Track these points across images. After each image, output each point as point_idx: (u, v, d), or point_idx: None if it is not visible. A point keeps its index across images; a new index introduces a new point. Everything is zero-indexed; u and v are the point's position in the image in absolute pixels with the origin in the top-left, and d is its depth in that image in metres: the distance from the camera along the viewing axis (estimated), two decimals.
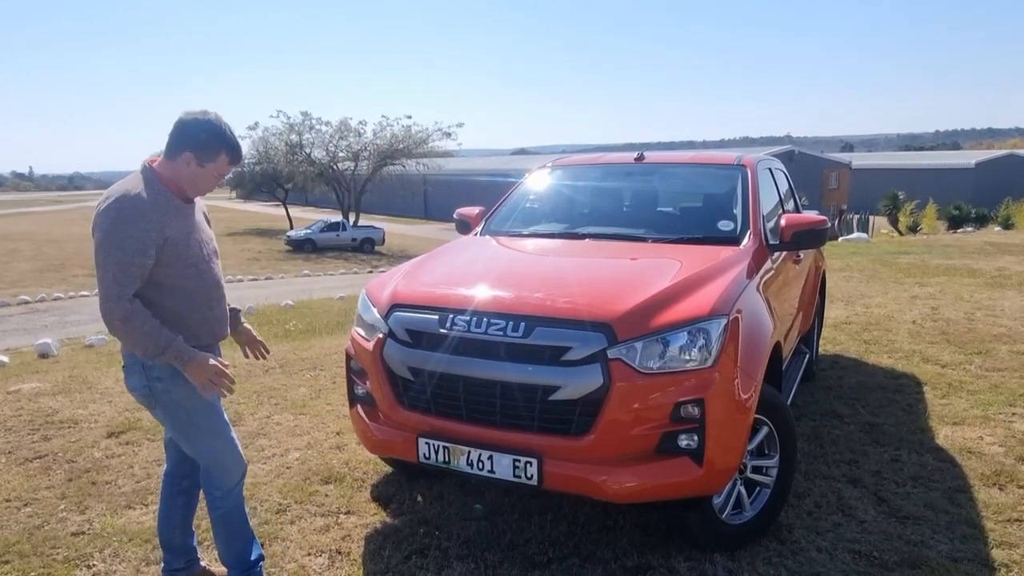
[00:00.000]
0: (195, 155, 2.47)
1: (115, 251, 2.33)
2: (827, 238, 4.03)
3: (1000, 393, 5.14)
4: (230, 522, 2.73)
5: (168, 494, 2.86)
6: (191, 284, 2.54)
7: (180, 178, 2.51)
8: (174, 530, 2.86)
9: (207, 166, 2.50)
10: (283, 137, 40.08)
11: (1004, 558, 3.07)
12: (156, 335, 2.37)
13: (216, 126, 2.48)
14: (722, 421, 2.75)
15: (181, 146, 2.46)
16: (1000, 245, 15.10)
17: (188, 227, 2.54)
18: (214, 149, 2.49)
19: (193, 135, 2.46)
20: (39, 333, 9.11)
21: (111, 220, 2.35)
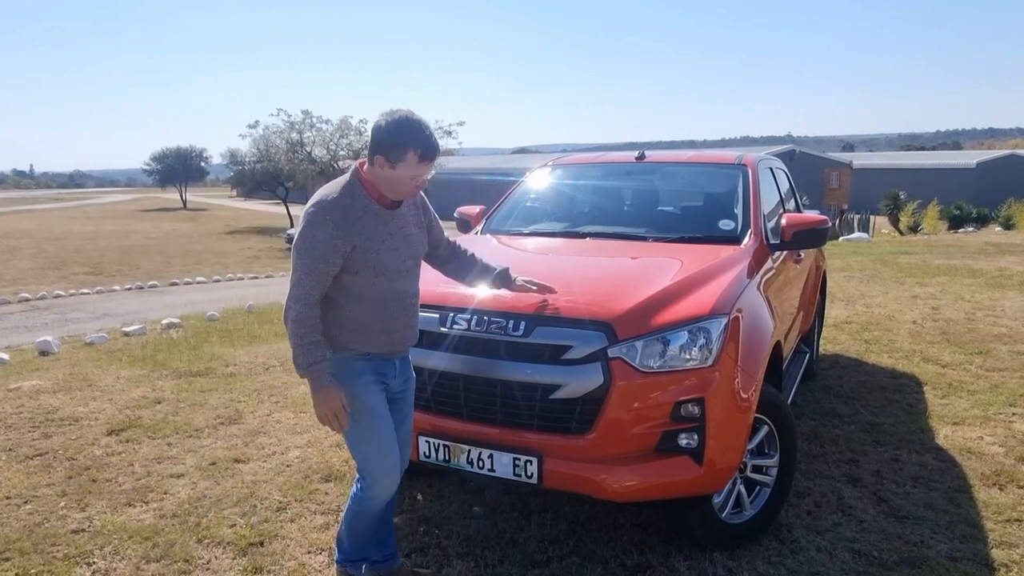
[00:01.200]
0: (386, 158, 2.39)
1: (304, 253, 2.38)
2: (828, 238, 4.03)
3: (1000, 393, 5.14)
4: (362, 518, 2.72)
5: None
6: (377, 293, 2.52)
7: (378, 182, 2.46)
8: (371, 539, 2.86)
9: (398, 167, 2.40)
10: (284, 135, 40.01)
11: (1004, 558, 3.07)
12: (309, 351, 2.41)
13: (402, 124, 2.38)
14: (722, 420, 2.75)
15: (374, 149, 2.42)
16: (1001, 245, 15.09)
17: (384, 234, 2.49)
18: (401, 148, 2.38)
19: (381, 137, 2.40)
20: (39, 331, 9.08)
21: (306, 222, 2.40)
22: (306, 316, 2.40)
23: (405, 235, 2.58)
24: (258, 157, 42.13)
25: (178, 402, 5.25)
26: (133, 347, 7.39)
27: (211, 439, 4.51)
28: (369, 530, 2.77)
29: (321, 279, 2.40)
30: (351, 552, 2.83)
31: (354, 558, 2.83)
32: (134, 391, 5.55)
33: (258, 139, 41.06)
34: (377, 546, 2.87)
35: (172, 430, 4.65)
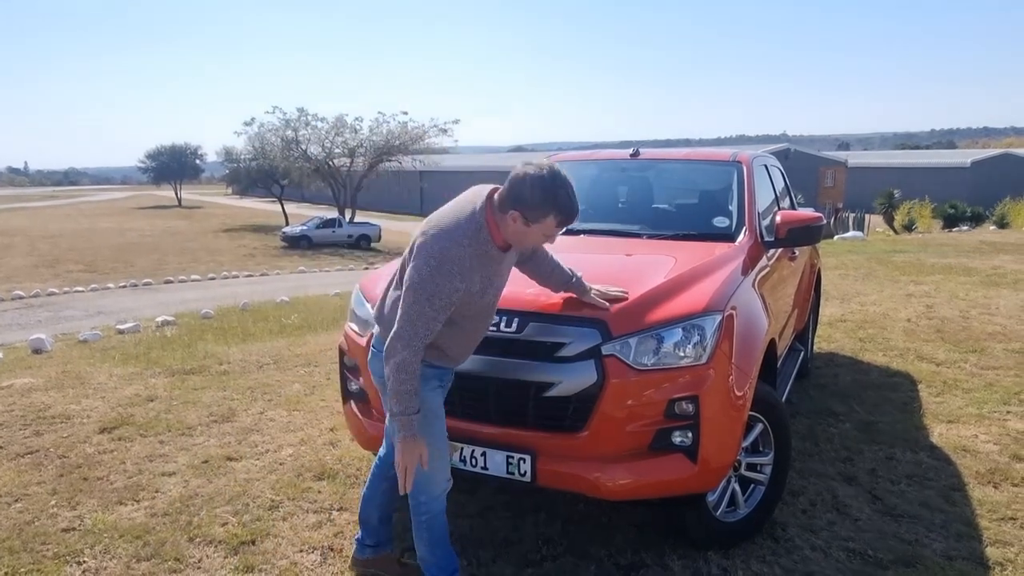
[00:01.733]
0: (522, 215, 2.35)
1: (426, 301, 2.32)
2: (822, 235, 4.03)
3: (995, 391, 5.14)
4: (433, 528, 2.69)
5: (375, 476, 2.90)
6: (468, 324, 2.53)
7: (505, 232, 2.42)
8: (373, 511, 2.91)
9: (533, 226, 2.38)
10: (279, 133, 39.96)
11: (999, 556, 3.07)
12: (408, 399, 2.39)
13: (548, 187, 2.33)
14: (717, 418, 2.74)
15: (510, 202, 2.36)
16: (995, 244, 15.14)
17: (492, 275, 2.48)
18: (542, 211, 2.35)
19: (522, 194, 2.34)
20: (33, 328, 9.06)
21: (432, 268, 2.32)
22: (412, 362, 2.36)
23: (508, 268, 2.60)
24: (253, 155, 42.06)
25: (171, 400, 5.23)
26: (127, 345, 7.37)
27: (204, 437, 4.49)
28: (446, 532, 2.73)
29: (436, 327, 2.39)
30: (444, 563, 2.75)
31: (450, 570, 2.76)
32: (127, 389, 5.52)
33: (253, 136, 41.01)
34: (372, 529, 2.90)
35: (165, 428, 4.63)
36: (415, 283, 2.34)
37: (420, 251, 2.36)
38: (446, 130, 39.89)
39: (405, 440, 2.43)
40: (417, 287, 2.33)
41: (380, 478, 2.89)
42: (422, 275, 2.33)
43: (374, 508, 2.91)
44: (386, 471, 2.86)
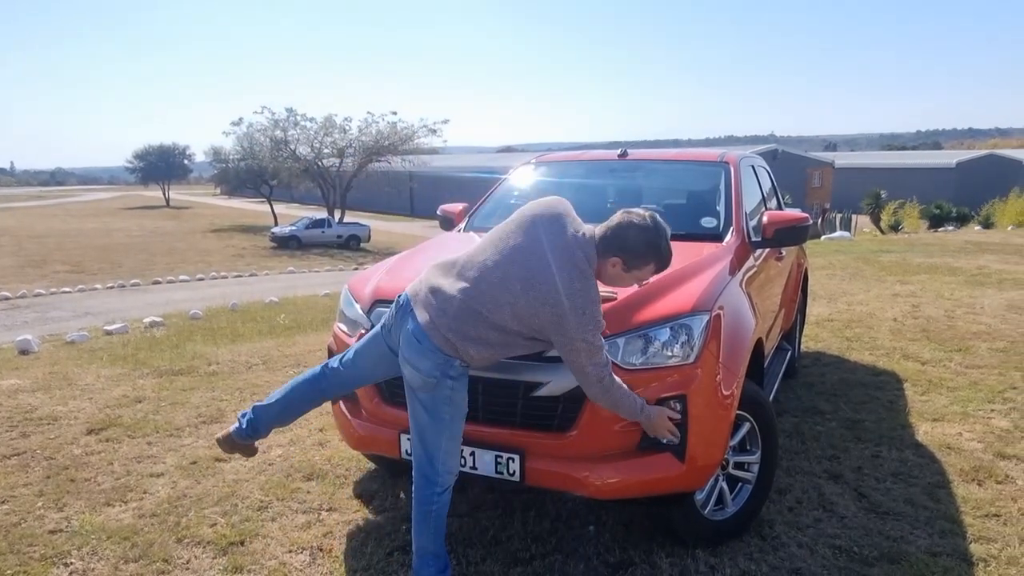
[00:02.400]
0: (624, 261, 2.54)
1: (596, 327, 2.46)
2: (808, 235, 4.06)
3: (979, 390, 5.20)
4: (440, 518, 2.73)
5: (316, 388, 2.94)
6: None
7: (602, 274, 2.58)
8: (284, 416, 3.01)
9: (632, 272, 2.57)
10: (268, 133, 39.84)
11: (982, 552, 3.10)
12: (633, 400, 2.58)
13: (653, 238, 2.53)
14: (704, 417, 2.76)
15: (614, 250, 2.53)
16: (980, 244, 15.28)
17: None
18: (644, 260, 2.56)
19: (629, 245, 2.52)
20: (19, 329, 9.00)
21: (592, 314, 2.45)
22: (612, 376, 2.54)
23: None
24: (242, 155, 41.92)
25: (159, 401, 5.20)
26: (114, 346, 7.32)
27: (192, 438, 4.48)
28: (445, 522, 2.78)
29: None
30: (443, 554, 2.78)
31: (446, 559, 2.80)
32: (115, 390, 5.49)
33: (242, 137, 40.89)
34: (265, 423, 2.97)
35: (153, 429, 4.61)
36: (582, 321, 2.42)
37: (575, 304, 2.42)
38: (435, 130, 39.90)
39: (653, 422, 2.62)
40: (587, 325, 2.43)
41: (318, 391, 2.93)
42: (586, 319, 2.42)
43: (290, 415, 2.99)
44: (325, 393, 2.94)
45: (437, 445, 2.63)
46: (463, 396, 2.63)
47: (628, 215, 2.55)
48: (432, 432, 2.63)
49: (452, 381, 2.57)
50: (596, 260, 2.53)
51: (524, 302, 2.46)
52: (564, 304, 2.41)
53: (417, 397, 2.62)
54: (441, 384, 2.56)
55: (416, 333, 2.58)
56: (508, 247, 2.57)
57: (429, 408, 2.61)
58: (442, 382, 2.56)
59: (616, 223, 2.54)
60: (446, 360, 2.55)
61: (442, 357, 2.55)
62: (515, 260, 2.53)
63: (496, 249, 2.60)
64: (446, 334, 2.53)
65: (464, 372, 2.61)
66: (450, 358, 2.55)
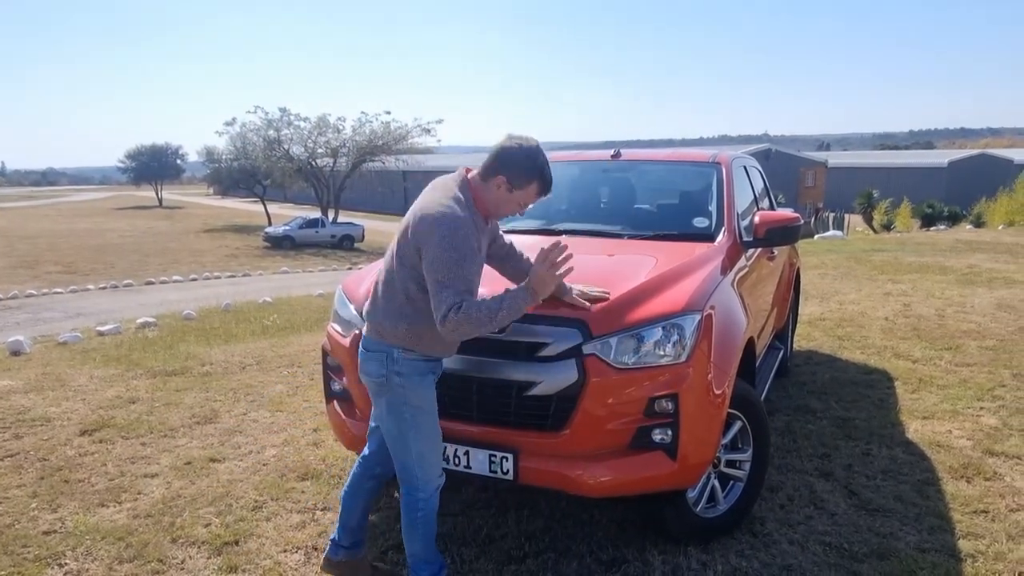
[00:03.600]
0: (507, 180, 2.49)
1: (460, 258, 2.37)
2: (800, 235, 4.08)
3: (969, 388, 5.24)
4: (428, 524, 2.71)
5: (359, 476, 2.89)
6: None
7: (487, 199, 2.54)
8: (355, 511, 2.89)
9: (515, 193, 2.52)
10: (261, 133, 39.70)
11: (970, 548, 3.14)
12: (503, 303, 2.42)
13: (535, 155, 2.51)
14: (696, 416, 2.78)
15: (496, 169, 2.50)
16: (971, 243, 15.36)
17: (482, 245, 2.57)
18: (527, 178, 2.51)
19: (509, 161, 2.50)
20: (11, 330, 8.96)
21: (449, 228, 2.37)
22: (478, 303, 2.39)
23: (485, 249, 2.65)
24: (235, 155, 41.78)
25: (153, 402, 5.20)
26: (107, 346, 7.31)
27: (186, 439, 4.48)
28: (435, 529, 2.76)
29: (477, 281, 2.47)
30: (436, 559, 2.77)
31: (441, 562, 2.80)
32: (108, 391, 5.48)
33: (235, 136, 40.75)
34: (350, 530, 2.89)
35: (146, 430, 4.61)
36: (445, 246, 2.35)
37: (433, 228, 2.38)
38: (429, 130, 39.84)
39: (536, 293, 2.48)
40: (445, 254, 2.35)
41: (364, 477, 2.90)
42: (444, 243, 2.35)
43: (356, 509, 2.91)
44: (370, 470, 2.88)
45: (407, 450, 2.62)
46: (423, 395, 2.58)
47: (510, 139, 2.54)
48: (398, 438, 2.63)
49: (400, 378, 2.54)
50: (479, 185, 2.52)
51: (406, 242, 2.48)
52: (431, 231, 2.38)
53: (378, 403, 2.64)
54: (391, 382, 2.56)
55: (364, 343, 2.65)
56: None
57: (390, 413, 2.61)
58: (391, 379, 2.55)
59: (498, 146, 2.52)
60: (386, 353, 2.55)
61: (381, 351, 2.56)
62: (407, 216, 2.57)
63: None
64: (374, 324, 2.58)
65: (415, 368, 2.55)
66: (387, 347, 2.55)
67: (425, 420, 2.61)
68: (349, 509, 2.90)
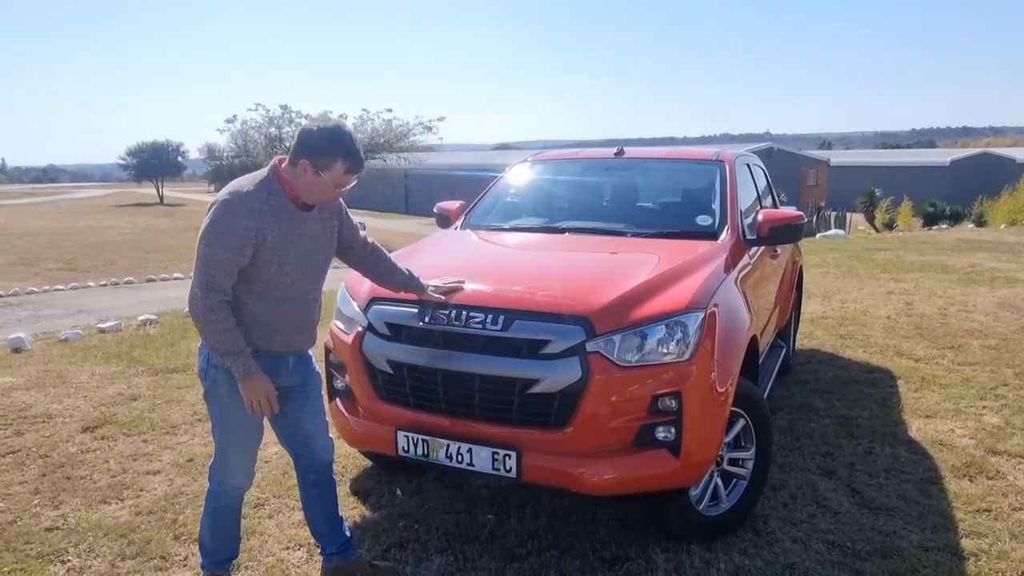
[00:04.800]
0: (311, 163, 2.41)
1: (216, 241, 2.35)
2: (803, 233, 4.08)
3: (971, 387, 5.23)
4: (217, 516, 2.73)
5: (301, 487, 2.89)
6: (279, 291, 2.52)
7: (297, 185, 2.47)
8: (316, 519, 2.89)
9: (323, 175, 2.43)
10: (262, 130, 39.54)
11: (973, 547, 3.13)
12: (231, 337, 2.40)
13: (334, 134, 2.43)
14: (699, 414, 2.78)
15: (299, 153, 2.43)
16: (973, 242, 15.34)
17: (296, 235, 2.50)
18: (330, 157, 2.41)
19: (310, 142, 2.42)
20: (12, 327, 8.93)
21: (219, 213, 2.36)
22: (221, 305, 2.38)
23: (314, 237, 2.58)
24: (236, 152, 41.67)
25: (154, 399, 5.20)
26: (108, 344, 7.30)
27: (188, 436, 4.48)
28: (234, 526, 2.79)
29: (233, 269, 2.39)
30: (215, 553, 2.78)
31: (220, 558, 2.80)
32: (109, 388, 5.48)
33: (236, 134, 40.55)
34: (326, 536, 2.88)
35: (148, 427, 4.61)
36: (205, 230, 2.36)
37: (208, 210, 2.40)
38: (431, 128, 39.67)
39: (250, 379, 2.44)
40: (208, 233, 2.36)
41: (304, 486, 2.88)
42: (212, 221, 2.36)
43: (317, 516, 2.88)
44: (304, 476, 2.86)
45: (218, 441, 2.66)
46: (233, 396, 2.52)
47: (311, 122, 2.50)
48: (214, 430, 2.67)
49: (215, 371, 2.53)
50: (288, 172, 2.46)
51: None
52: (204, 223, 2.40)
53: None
54: (207, 376, 2.57)
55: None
56: None
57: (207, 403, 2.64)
58: (207, 373, 2.56)
59: (299, 130, 2.48)
60: (205, 348, 2.55)
61: (203, 345, 2.56)
62: None
63: None
64: None
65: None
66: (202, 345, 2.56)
67: (232, 426, 2.62)
68: (312, 520, 2.90)
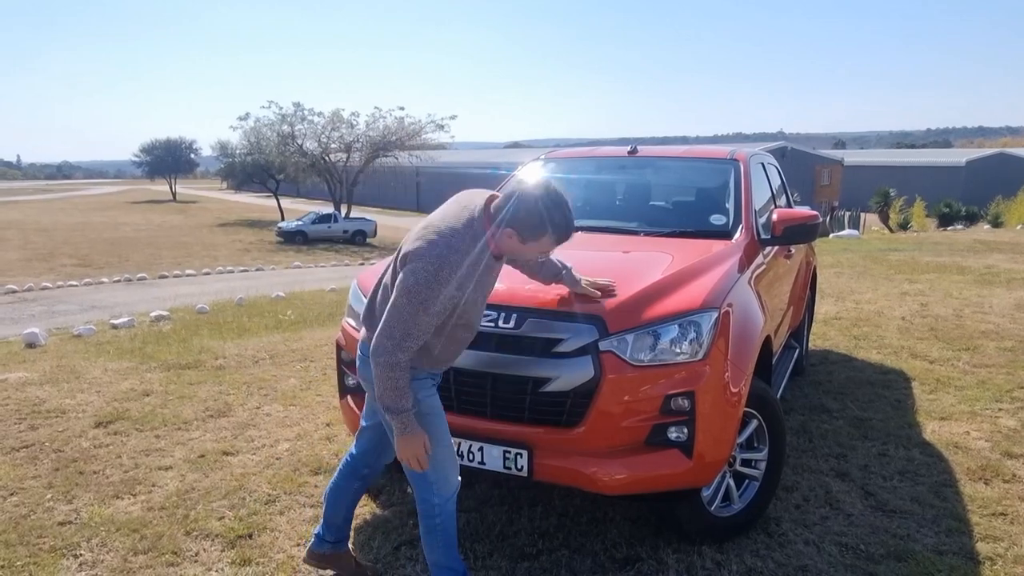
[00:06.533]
0: (518, 233, 2.35)
1: (419, 305, 2.28)
2: (818, 233, 4.04)
3: (987, 389, 5.18)
4: (447, 531, 2.65)
5: (346, 474, 2.87)
6: (459, 333, 2.51)
7: (501, 245, 2.42)
8: (340, 508, 2.89)
9: (529, 244, 2.39)
10: (275, 128, 39.82)
11: (989, 551, 3.10)
12: (402, 395, 2.36)
13: (544, 209, 2.33)
14: (712, 414, 2.76)
15: (507, 220, 2.35)
16: (989, 243, 15.21)
17: (487, 280, 2.48)
18: (539, 232, 2.35)
19: (518, 214, 2.34)
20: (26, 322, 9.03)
21: (430, 275, 2.27)
22: (404, 362, 2.33)
23: (496, 277, 2.57)
24: (249, 149, 41.95)
25: (167, 395, 5.23)
26: (121, 339, 7.35)
27: (200, 432, 4.49)
28: (455, 534, 2.70)
29: (428, 332, 2.36)
30: (457, 566, 2.70)
31: (463, 569, 2.73)
32: (122, 383, 5.51)
33: (249, 131, 40.92)
34: (335, 527, 2.90)
35: (160, 423, 4.63)
36: (411, 287, 2.28)
37: (417, 256, 2.30)
38: (443, 126, 39.82)
39: (408, 435, 2.40)
40: (413, 291, 2.28)
41: (351, 477, 2.87)
42: (419, 280, 2.27)
43: (342, 506, 2.89)
44: (358, 471, 2.86)
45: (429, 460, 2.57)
46: (425, 401, 2.51)
47: (520, 184, 2.40)
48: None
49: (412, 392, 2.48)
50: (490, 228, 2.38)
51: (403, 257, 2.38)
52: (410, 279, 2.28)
53: (383, 419, 2.53)
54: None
55: (361, 347, 2.57)
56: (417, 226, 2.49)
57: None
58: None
59: (507, 194, 2.38)
60: None
61: None
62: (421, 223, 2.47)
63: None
64: (371, 332, 2.46)
65: (418, 374, 2.49)
66: None
67: (433, 424, 2.53)
68: (335, 507, 2.89)
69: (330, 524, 2.91)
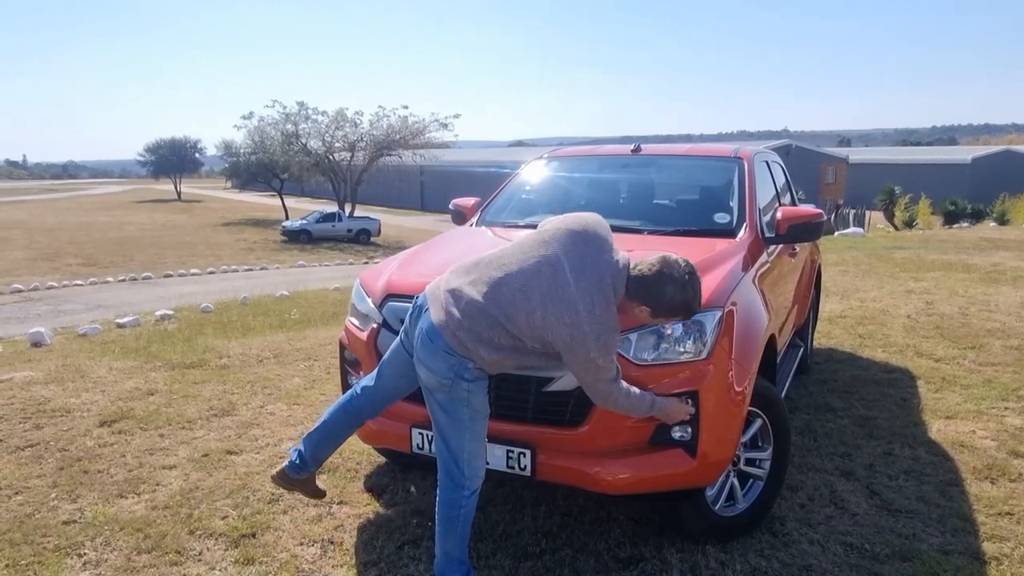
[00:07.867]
0: (652, 311, 2.49)
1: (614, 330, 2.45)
2: (823, 231, 4.02)
3: (993, 387, 5.15)
4: (466, 523, 2.69)
5: (347, 411, 2.93)
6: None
7: (626, 310, 2.53)
8: (328, 447, 3.02)
9: (657, 319, 2.54)
10: (279, 127, 39.89)
11: (995, 551, 3.08)
12: (644, 403, 2.57)
13: (689, 299, 2.48)
14: (716, 413, 2.75)
15: (642, 296, 2.47)
16: (995, 241, 15.14)
17: None
18: (674, 315, 2.52)
19: (661, 297, 2.45)
20: (32, 322, 9.07)
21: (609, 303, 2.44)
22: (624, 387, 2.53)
23: None
24: (253, 148, 42.05)
25: (171, 394, 5.23)
26: (126, 338, 7.37)
27: (204, 431, 4.50)
28: (470, 528, 2.74)
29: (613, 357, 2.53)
30: (466, 560, 2.74)
31: (468, 564, 2.76)
32: (127, 382, 5.52)
33: (253, 130, 41.00)
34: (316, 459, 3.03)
35: (165, 422, 4.64)
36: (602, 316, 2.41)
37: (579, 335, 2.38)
38: (447, 124, 39.84)
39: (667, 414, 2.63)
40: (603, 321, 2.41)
41: (350, 418, 2.94)
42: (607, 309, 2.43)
43: (331, 445, 3.00)
44: (359, 415, 2.93)
45: (460, 446, 2.60)
46: (482, 398, 2.58)
47: (668, 267, 2.46)
48: (453, 433, 2.59)
49: (468, 383, 2.53)
50: (623, 294, 2.48)
51: (541, 315, 2.42)
52: (582, 326, 2.37)
53: (435, 398, 2.59)
54: (456, 386, 2.53)
55: (429, 332, 2.55)
56: (535, 256, 2.51)
57: (447, 409, 2.58)
58: (457, 384, 2.52)
59: (655, 272, 2.45)
60: (460, 361, 2.51)
61: (455, 358, 2.51)
62: (540, 271, 2.47)
63: (523, 256, 2.54)
64: (457, 333, 2.49)
65: (481, 375, 2.56)
66: (463, 359, 2.51)
67: (480, 422, 2.61)
68: (323, 444, 3.00)
69: (312, 458, 3.01)
